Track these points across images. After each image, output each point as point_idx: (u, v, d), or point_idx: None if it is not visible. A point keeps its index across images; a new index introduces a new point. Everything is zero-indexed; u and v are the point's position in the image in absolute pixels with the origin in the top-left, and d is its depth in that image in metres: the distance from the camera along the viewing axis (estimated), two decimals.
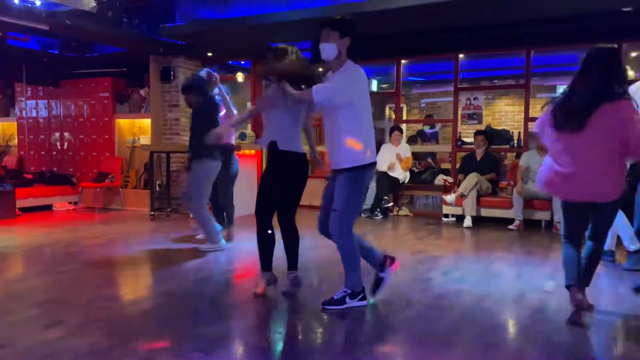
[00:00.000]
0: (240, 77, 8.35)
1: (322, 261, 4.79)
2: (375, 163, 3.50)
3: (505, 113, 11.36)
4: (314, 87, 3.30)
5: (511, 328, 3.23)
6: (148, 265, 4.93)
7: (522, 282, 4.15)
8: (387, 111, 11.11)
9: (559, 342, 2.92)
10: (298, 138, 3.63)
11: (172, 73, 8.24)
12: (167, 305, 3.56)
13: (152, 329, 3.12)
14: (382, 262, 3.62)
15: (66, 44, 8.24)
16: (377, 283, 3.62)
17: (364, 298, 3.51)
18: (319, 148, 5.42)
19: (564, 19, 6.35)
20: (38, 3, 5.96)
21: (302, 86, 3.43)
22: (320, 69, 3.60)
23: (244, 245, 5.49)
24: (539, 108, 5.93)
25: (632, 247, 4.46)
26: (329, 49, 3.32)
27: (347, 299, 3.47)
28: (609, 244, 4.60)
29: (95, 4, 5.70)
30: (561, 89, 9.65)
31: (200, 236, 5.64)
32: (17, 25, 6.44)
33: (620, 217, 4.40)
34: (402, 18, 5.96)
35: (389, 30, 6.76)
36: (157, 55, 8.24)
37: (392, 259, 3.65)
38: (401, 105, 10.17)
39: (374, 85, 11.42)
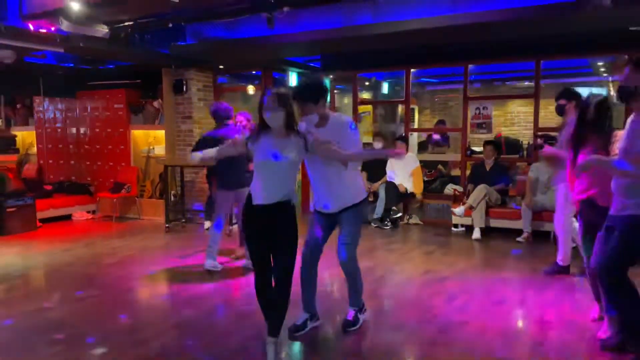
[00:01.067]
0: (251, 89, 8.47)
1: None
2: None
3: (517, 114, 11.35)
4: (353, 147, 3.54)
5: None
6: (164, 290, 5.10)
7: (524, 311, 4.26)
8: (399, 110, 11.11)
9: None
10: None
11: (184, 85, 8.38)
12: (181, 338, 3.73)
13: None
14: (314, 313, 3.88)
15: (81, 57, 8.43)
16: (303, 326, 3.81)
17: (365, 310, 3.96)
18: None
19: (574, 33, 6.33)
20: (53, 29, 6.13)
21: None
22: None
23: None
24: (551, 109, 5.96)
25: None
26: (312, 119, 3.53)
27: (359, 315, 3.86)
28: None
29: (107, 30, 5.84)
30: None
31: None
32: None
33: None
34: (409, 38, 6.00)
35: (397, 46, 6.81)
36: (169, 68, 8.38)
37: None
38: (412, 106, 10.23)
39: (385, 88, 11.46)
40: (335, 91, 9.99)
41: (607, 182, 3.40)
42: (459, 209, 7.25)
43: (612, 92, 9.22)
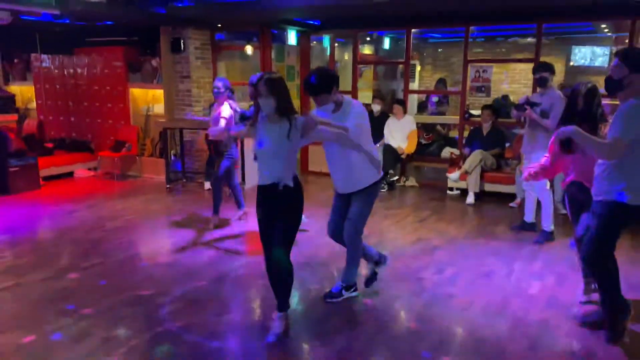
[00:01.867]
0: (249, 49, 8.38)
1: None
2: (382, 178, 4.02)
3: (518, 71, 11.25)
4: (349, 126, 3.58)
5: (488, 345, 3.49)
6: (167, 258, 5.15)
7: (509, 284, 4.45)
8: (400, 66, 10.98)
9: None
10: None
11: (182, 44, 8.30)
12: (183, 312, 3.93)
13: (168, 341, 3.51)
14: (378, 260, 4.24)
15: None
16: (372, 277, 4.29)
17: (355, 289, 4.17)
18: None
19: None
20: None
21: None
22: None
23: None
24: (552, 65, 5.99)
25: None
26: (328, 108, 3.72)
27: (343, 291, 4.12)
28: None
29: None
30: (577, 49, 9.49)
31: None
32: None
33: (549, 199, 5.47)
34: (410, 5, 5.92)
35: (397, 13, 6.72)
36: (166, 26, 8.27)
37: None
38: (414, 61, 10.15)
39: (387, 43, 11.32)
40: (335, 44, 9.86)
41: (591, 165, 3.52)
42: (454, 175, 7.37)
43: (614, 49, 9.14)
